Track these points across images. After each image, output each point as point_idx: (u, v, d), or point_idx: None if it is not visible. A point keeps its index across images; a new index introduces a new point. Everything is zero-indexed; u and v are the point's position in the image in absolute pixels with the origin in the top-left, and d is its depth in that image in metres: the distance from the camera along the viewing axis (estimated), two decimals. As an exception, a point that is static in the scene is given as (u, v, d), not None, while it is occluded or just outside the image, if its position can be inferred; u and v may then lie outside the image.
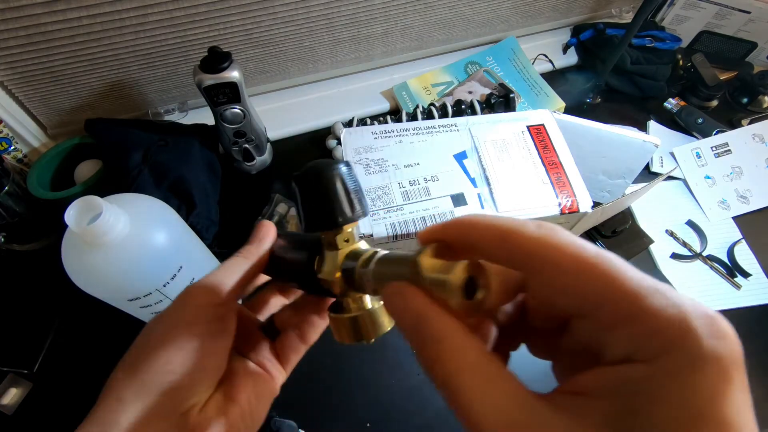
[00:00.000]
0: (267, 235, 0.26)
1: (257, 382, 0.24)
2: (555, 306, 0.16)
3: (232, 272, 0.24)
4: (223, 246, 0.61)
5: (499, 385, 0.14)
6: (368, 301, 0.22)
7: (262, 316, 0.29)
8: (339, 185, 0.21)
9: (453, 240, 0.17)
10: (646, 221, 0.69)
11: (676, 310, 0.13)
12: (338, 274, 0.22)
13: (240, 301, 0.27)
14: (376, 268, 0.19)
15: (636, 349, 0.13)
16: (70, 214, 0.33)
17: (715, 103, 0.84)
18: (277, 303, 0.29)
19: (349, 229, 0.22)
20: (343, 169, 0.22)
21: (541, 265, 0.15)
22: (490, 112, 0.70)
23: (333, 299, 0.24)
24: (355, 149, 0.52)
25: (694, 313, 0.13)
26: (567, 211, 0.49)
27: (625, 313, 0.14)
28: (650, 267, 0.65)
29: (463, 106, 0.70)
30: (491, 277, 0.16)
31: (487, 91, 0.77)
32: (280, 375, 0.27)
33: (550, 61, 0.86)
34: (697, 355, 0.13)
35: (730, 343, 0.13)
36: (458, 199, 0.49)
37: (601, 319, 0.14)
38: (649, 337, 0.13)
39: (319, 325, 0.28)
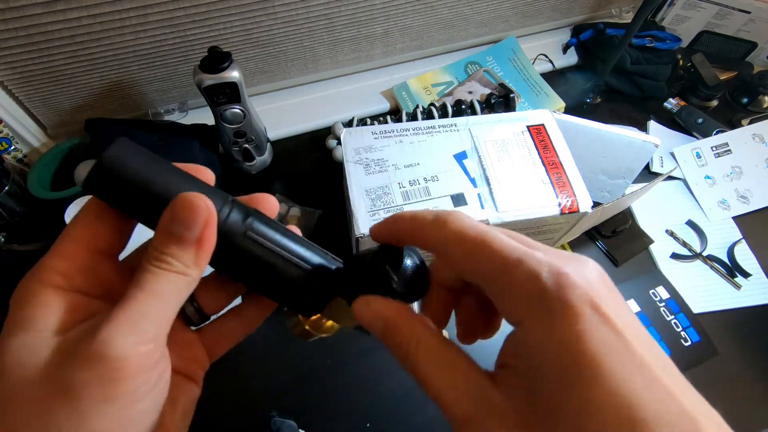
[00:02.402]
0: (210, 235, 0.18)
1: (179, 395, 0.20)
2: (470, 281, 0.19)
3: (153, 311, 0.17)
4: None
5: (457, 369, 0.17)
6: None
7: None
8: None
9: (392, 234, 0.21)
10: (646, 221, 0.69)
11: (531, 274, 0.16)
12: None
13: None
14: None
15: (517, 314, 0.16)
16: (70, 214, 0.33)
17: (715, 103, 0.84)
18: None
19: None
20: None
21: (440, 252, 0.19)
22: (490, 112, 0.70)
23: None
24: (355, 149, 0.52)
25: (544, 273, 0.16)
26: (567, 211, 0.49)
27: (501, 286, 0.17)
28: (650, 267, 0.65)
29: (463, 106, 0.70)
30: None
31: (487, 91, 0.77)
32: (201, 372, 0.23)
33: (550, 61, 0.86)
34: (550, 310, 0.15)
35: (573, 284, 0.15)
36: (458, 199, 0.49)
37: (492, 293, 0.17)
38: (518, 303, 0.16)
39: (269, 306, 0.24)
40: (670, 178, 0.74)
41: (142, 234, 0.21)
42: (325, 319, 0.25)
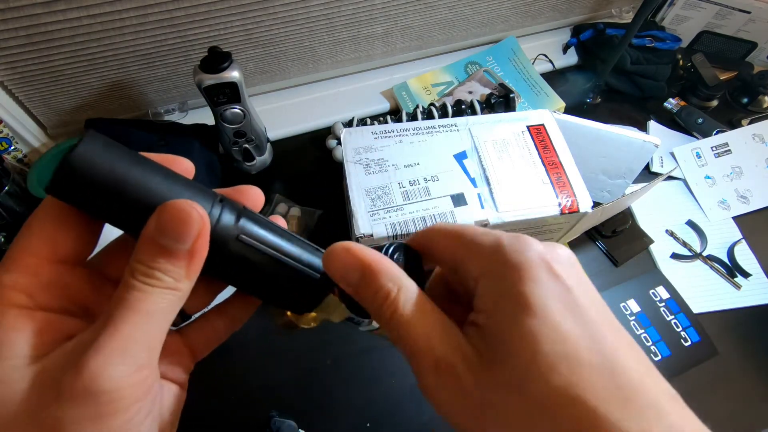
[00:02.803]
0: (203, 245, 0.16)
1: (164, 402, 0.19)
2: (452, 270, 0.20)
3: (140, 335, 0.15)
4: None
5: (435, 317, 0.18)
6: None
7: None
8: None
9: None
10: (646, 221, 0.69)
11: (494, 237, 0.18)
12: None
13: None
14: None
15: (476, 271, 0.18)
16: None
17: (715, 103, 0.84)
18: None
19: None
20: None
21: (430, 246, 0.21)
22: (490, 112, 0.70)
23: None
24: (355, 149, 0.52)
25: (505, 236, 0.18)
26: (567, 211, 0.49)
27: (468, 253, 0.18)
28: (650, 267, 0.65)
29: (463, 106, 0.70)
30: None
31: (487, 91, 0.77)
32: (186, 374, 0.21)
33: (550, 61, 0.86)
34: (505, 263, 0.17)
35: (530, 252, 0.17)
36: (458, 199, 0.49)
37: (461, 265, 0.19)
38: (480, 261, 0.18)
39: (255, 303, 0.22)
40: (670, 178, 0.74)
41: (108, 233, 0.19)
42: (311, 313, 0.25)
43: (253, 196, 0.21)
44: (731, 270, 0.65)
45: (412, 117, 0.69)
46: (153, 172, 0.17)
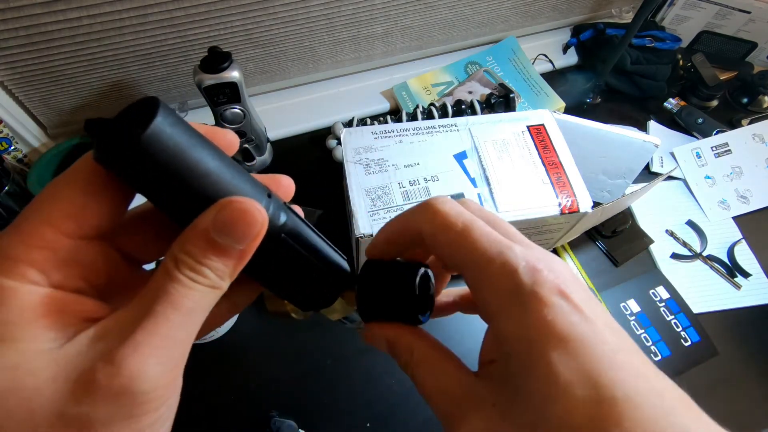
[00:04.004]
0: (255, 246, 0.16)
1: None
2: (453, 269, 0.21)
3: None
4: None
5: (444, 372, 0.19)
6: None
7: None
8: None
9: (389, 239, 0.22)
10: (646, 221, 0.69)
11: (509, 269, 0.17)
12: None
13: None
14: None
15: (492, 306, 0.17)
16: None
17: (715, 103, 0.84)
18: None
19: None
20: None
21: (429, 242, 0.19)
22: (490, 112, 0.70)
23: None
24: (355, 149, 0.52)
25: (521, 269, 0.16)
26: (567, 211, 0.49)
27: (480, 278, 0.17)
28: (650, 267, 0.65)
29: (463, 106, 0.70)
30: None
31: (487, 91, 0.77)
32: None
33: (550, 61, 0.86)
34: (524, 303, 0.16)
35: (545, 279, 0.16)
36: (458, 199, 0.49)
37: (472, 285, 0.18)
38: (495, 296, 0.17)
39: (258, 288, 0.22)
40: (670, 178, 0.74)
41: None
42: None
43: (286, 187, 0.20)
44: (731, 270, 0.65)
45: (412, 117, 0.69)
46: (216, 159, 0.15)
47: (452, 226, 0.18)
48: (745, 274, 0.64)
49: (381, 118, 0.71)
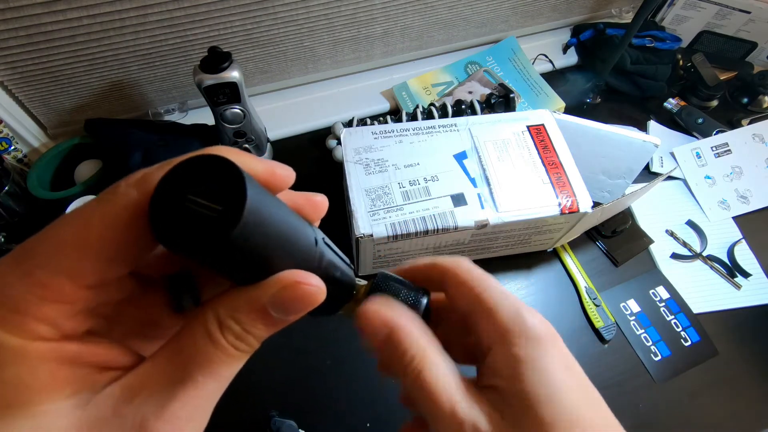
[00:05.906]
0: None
1: None
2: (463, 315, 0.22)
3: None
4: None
5: (455, 379, 0.19)
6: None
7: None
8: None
9: (421, 273, 0.23)
10: (646, 221, 0.69)
11: (514, 310, 0.20)
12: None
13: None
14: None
15: (493, 338, 0.19)
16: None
17: (715, 103, 0.84)
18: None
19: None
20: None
21: (448, 285, 0.22)
22: (490, 112, 0.70)
23: None
24: (355, 149, 0.52)
25: (524, 309, 0.20)
26: (567, 211, 0.49)
27: (481, 311, 0.20)
28: (650, 267, 0.65)
29: (463, 106, 0.70)
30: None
31: (487, 91, 0.77)
32: None
33: (550, 61, 0.86)
34: (524, 336, 0.19)
35: (544, 328, 0.19)
36: (458, 199, 0.49)
37: (470, 320, 0.21)
38: (497, 330, 0.19)
39: None
40: (670, 178, 0.74)
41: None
42: None
43: (320, 205, 0.19)
44: (731, 270, 0.65)
45: (412, 117, 0.69)
46: (283, 223, 0.14)
47: (469, 283, 0.21)
48: (745, 274, 0.64)
49: (381, 118, 0.71)
